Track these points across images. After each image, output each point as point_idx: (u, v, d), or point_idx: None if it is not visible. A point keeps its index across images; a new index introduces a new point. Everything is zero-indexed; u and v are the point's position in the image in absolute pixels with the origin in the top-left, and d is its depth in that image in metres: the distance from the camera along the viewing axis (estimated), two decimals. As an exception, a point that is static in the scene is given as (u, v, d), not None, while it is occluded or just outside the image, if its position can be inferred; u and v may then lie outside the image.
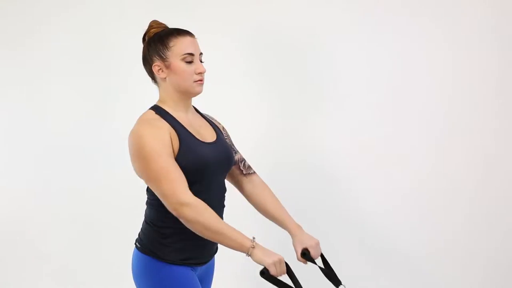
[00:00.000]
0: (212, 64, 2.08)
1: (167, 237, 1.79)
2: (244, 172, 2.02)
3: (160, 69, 1.82)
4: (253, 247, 1.67)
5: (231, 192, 1.99)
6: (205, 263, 1.89)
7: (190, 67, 1.81)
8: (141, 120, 1.79)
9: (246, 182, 2.02)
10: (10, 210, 3.20)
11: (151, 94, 1.92)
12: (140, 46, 1.90)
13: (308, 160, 2.92)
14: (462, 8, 2.78)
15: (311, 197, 2.89)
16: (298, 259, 1.92)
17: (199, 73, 1.83)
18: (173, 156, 1.73)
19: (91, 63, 3.09)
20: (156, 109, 1.83)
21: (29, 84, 3.16)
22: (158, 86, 1.87)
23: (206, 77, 1.87)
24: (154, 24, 1.87)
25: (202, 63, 1.85)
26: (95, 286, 3.12)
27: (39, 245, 3.18)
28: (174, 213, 1.69)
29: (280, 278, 1.70)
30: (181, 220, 1.69)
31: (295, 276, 1.72)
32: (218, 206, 1.84)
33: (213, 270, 2.00)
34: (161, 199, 1.72)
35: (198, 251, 1.83)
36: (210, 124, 1.95)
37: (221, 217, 1.89)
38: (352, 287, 2.19)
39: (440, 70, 2.82)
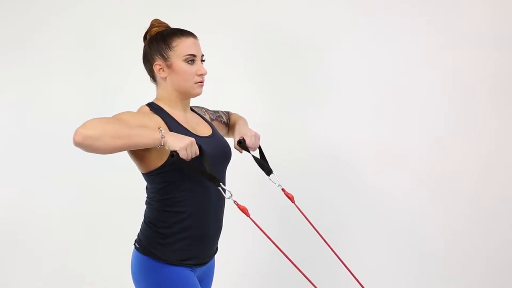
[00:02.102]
0: (212, 63, 2.08)
1: (166, 238, 1.79)
2: (229, 123, 2.14)
3: (161, 68, 1.82)
4: (163, 137, 1.65)
5: (232, 186, 1.99)
6: (205, 263, 1.88)
7: (192, 68, 1.82)
8: None
9: (230, 124, 2.15)
10: (10, 210, 3.20)
11: (151, 94, 1.92)
12: (140, 47, 1.90)
13: (307, 160, 2.92)
14: (461, 8, 2.79)
15: (310, 197, 2.89)
16: (234, 147, 2.01)
17: (200, 74, 1.83)
18: (130, 125, 1.65)
19: (91, 63, 3.09)
20: (151, 105, 1.84)
21: (29, 84, 3.16)
22: (157, 85, 1.87)
23: (206, 77, 1.87)
24: (156, 23, 1.87)
25: (203, 65, 1.86)
26: (95, 286, 3.12)
27: (39, 245, 3.18)
28: (77, 142, 1.56)
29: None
30: (86, 146, 1.57)
31: (208, 159, 1.73)
32: (218, 200, 1.84)
33: (213, 270, 1.99)
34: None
35: (197, 251, 1.83)
36: (205, 121, 1.96)
37: (222, 211, 1.90)
38: (352, 286, 2.19)
39: (440, 70, 2.82)
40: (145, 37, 1.88)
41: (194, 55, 1.82)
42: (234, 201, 1.75)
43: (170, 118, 1.80)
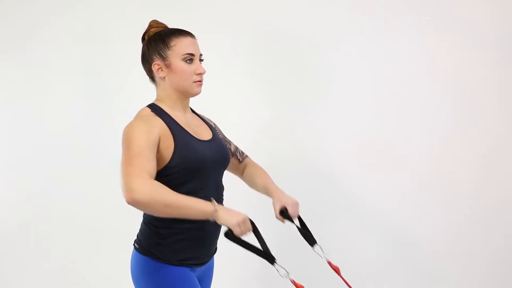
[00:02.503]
0: (211, 64, 2.08)
1: (166, 238, 1.79)
2: (241, 160, 2.09)
3: (160, 68, 1.82)
4: (216, 211, 1.65)
5: (232, 191, 1.99)
6: (204, 263, 1.89)
7: (190, 67, 1.82)
8: (136, 116, 1.81)
9: (243, 167, 2.09)
10: (9, 210, 3.20)
11: (151, 94, 1.93)
12: (140, 47, 1.90)
13: (307, 160, 2.92)
14: (461, 8, 2.78)
15: (310, 196, 2.89)
16: (276, 217, 1.94)
17: (198, 73, 1.83)
18: (152, 150, 1.68)
19: (91, 63, 3.10)
20: (152, 106, 1.84)
21: (29, 84, 3.16)
22: (156, 86, 1.88)
23: (205, 76, 1.87)
24: (154, 23, 1.88)
25: (201, 64, 1.86)
26: (95, 286, 3.12)
27: (39, 245, 3.18)
28: (128, 202, 1.59)
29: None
30: (137, 207, 1.60)
31: (261, 235, 1.72)
32: (216, 200, 1.83)
33: (213, 270, 2.00)
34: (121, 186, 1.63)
35: (196, 251, 1.83)
36: (206, 123, 1.96)
37: None
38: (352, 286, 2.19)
39: (440, 70, 2.82)
40: (143, 38, 1.89)
41: (192, 54, 1.82)
42: (291, 280, 1.73)
43: (171, 120, 1.80)
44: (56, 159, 3.14)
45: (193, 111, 1.98)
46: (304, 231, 1.93)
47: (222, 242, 1.98)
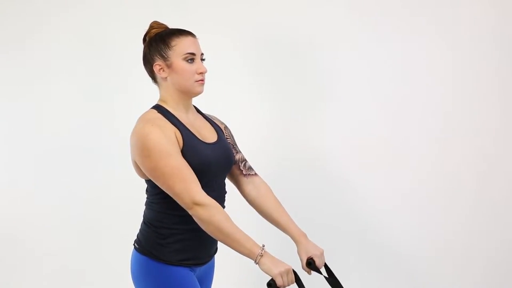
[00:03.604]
0: (212, 64, 2.08)
1: (166, 238, 1.79)
2: (244, 172, 1.99)
3: (161, 68, 1.82)
4: (261, 255, 1.65)
5: (232, 193, 1.99)
6: (205, 263, 1.88)
7: (192, 67, 1.81)
8: (144, 119, 1.78)
9: (247, 183, 1.99)
10: (9, 210, 3.20)
11: (151, 94, 1.92)
12: (140, 47, 1.90)
13: (308, 160, 2.92)
14: (462, 8, 2.78)
15: (311, 196, 2.89)
16: (303, 268, 1.89)
17: (200, 73, 1.83)
18: (181, 155, 1.72)
19: (91, 63, 3.09)
20: (158, 108, 1.82)
21: (29, 84, 3.16)
22: (159, 86, 1.87)
23: (206, 77, 1.87)
24: (155, 24, 1.88)
25: (203, 64, 1.86)
26: (95, 286, 3.12)
27: (39, 245, 3.18)
28: (189, 211, 1.69)
29: None
30: (194, 219, 1.69)
31: (303, 286, 1.70)
32: (216, 200, 1.83)
33: (213, 270, 1.99)
34: (174, 198, 1.71)
35: (197, 251, 1.83)
36: (211, 124, 1.94)
37: None
38: (352, 286, 2.19)
39: (440, 70, 2.82)
40: (144, 39, 1.88)
41: (193, 54, 1.81)
42: None
43: (179, 122, 1.78)
44: (56, 159, 3.13)
45: (198, 111, 1.97)
46: (332, 280, 1.87)
47: (223, 242, 1.99)
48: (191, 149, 1.76)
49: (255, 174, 2.01)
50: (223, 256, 2.09)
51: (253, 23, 2.94)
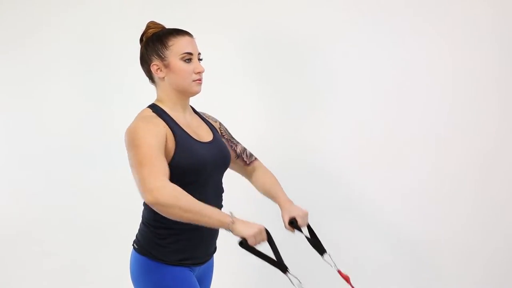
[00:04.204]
0: (211, 64, 2.08)
1: (164, 238, 1.79)
2: (248, 162, 2.07)
3: (159, 68, 1.82)
4: (233, 222, 1.66)
5: (231, 193, 1.99)
6: (204, 263, 1.89)
7: (189, 66, 1.82)
8: (138, 117, 1.80)
9: (251, 170, 2.08)
10: (10, 210, 3.20)
11: (150, 94, 1.93)
12: (139, 46, 1.90)
13: (307, 160, 2.92)
14: (461, 8, 2.78)
15: (310, 196, 2.89)
16: (285, 227, 1.95)
17: (197, 72, 1.83)
18: (162, 151, 1.70)
19: (91, 63, 3.10)
20: (153, 107, 1.83)
21: (29, 84, 3.16)
22: (156, 86, 1.88)
23: (205, 77, 1.87)
24: (151, 24, 1.88)
25: (200, 63, 1.86)
26: (95, 286, 3.12)
27: (39, 244, 3.18)
28: (149, 201, 1.60)
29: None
30: (156, 208, 1.62)
31: (275, 245, 1.73)
32: (215, 200, 1.85)
33: (212, 270, 2.00)
34: (137, 187, 1.66)
35: (196, 251, 1.84)
36: (207, 124, 1.95)
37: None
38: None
39: (440, 70, 2.82)
40: (141, 39, 1.89)
41: (190, 53, 1.82)
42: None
43: (173, 121, 1.79)
44: (56, 158, 3.14)
45: (194, 110, 1.98)
46: (314, 240, 1.93)
47: (222, 242, 1.99)
48: (186, 149, 1.76)
49: (255, 158, 2.12)
50: (223, 255, 2.09)
51: (252, 23, 2.94)
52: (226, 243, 2.16)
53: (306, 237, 1.93)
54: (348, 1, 2.87)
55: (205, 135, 1.89)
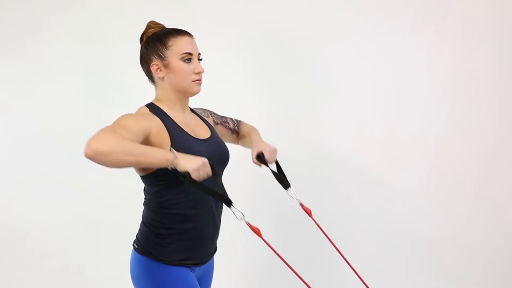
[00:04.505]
0: (211, 64, 2.08)
1: (165, 238, 1.79)
2: (239, 132, 2.13)
3: (159, 68, 1.83)
4: (176, 157, 1.64)
5: (231, 193, 1.99)
6: (204, 263, 1.89)
7: (189, 67, 1.82)
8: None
9: (241, 136, 2.15)
10: (10, 210, 3.20)
11: (150, 94, 1.93)
12: (139, 46, 1.90)
13: (307, 160, 2.92)
14: (462, 8, 2.78)
15: (311, 196, 2.88)
16: (253, 162, 1.98)
17: (197, 72, 1.83)
18: (136, 136, 1.66)
19: (91, 63, 3.10)
20: (151, 106, 1.84)
21: (29, 84, 3.16)
22: (155, 86, 1.88)
23: (205, 77, 1.87)
24: (152, 24, 1.88)
25: (200, 63, 1.86)
26: (94, 286, 3.12)
27: (39, 244, 3.18)
28: (87, 155, 1.55)
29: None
30: (97, 160, 1.55)
31: (221, 179, 1.73)
32: (215, 203, 1.84)
33: (213, 270, 2.00)
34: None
35: (196, 251, 1.83)
36: (205, 123, 1.96)
37: (220, 210, 1.89)
38: (350, 285, 2.19)
39: (440, 70, 2.82)
40: (141, 39, 1.89)
41: (190, 54, 1.82)
42: (247, 223, 1.72)
43: (169, 120, 1.80)
44: (56, 158, 3.13)
45: (191, 110, 1.98)
46: (279, 175, 1.99)
47: (222, 242, 1.99)
48: (182, 145, 1.76)
49: (240, 122, 2.18)
50: (223, 256, 2.09)
51: (252, 23, 2.94)
52: (226, 243, 2.16)
53: (272, 171, 1.97)
54: (348, 1, 2.87)
55: (203, 133, 1.89)
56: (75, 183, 3.12)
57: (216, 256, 1.98)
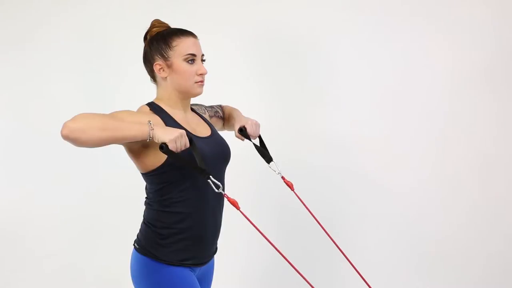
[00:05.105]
0: (212, 64, 2.08)
1: (166, 238, 1.79)
2: (224, 116, 2.13)
3: (162, 68, 1.82)
4: (153, 129, 1.64)
5: (231, 193, 1.99)
6: (204, 263, 1.88)
7: (192, 68, 1.82)
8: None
9: (227, 120, 2.14)
10: (10, 210, 3.20)
11: (150, 94, 1.92)
12: (140, 46, 1.90)
13: (307, 160, 2.92)
14: (461, 8, 2.79)
15: (311, 196, 2.88)
16: (235, 136, 2.01)
17: (200, 74, 1.83)
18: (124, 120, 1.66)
19: (91, 63, 3.09)
20: (151, 105, 1.84)
21: (29, 84, 3.16)
22: (157, 85, 1.87)
23: (206, 76, 1.87)
24: (156, 23, 1.88)
25: (203, 65, 1.86)
26: (95, 286, 3.12)
27: (39, 245, 3.18)
28: (63, 134, 1.56)
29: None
30: (73, 138, 1.57)
31: (198, 151, 1.72)
32: (216, 200, 1.84)
33: (213, 270, 1.99)
34: None
35: (196, 251, 1.83)
36: (205, 121, 1.96)
37: (221, 211, 1.89)
38: (350, 285, 2.19)
39: (440, 70, 2.82)
40: (145, 37, 1.89)
41: (194, 55, 1.82)
42: (224, 194, 1.74)
43: (169, 118, 1.80)
44: (56, 158, 3.13)
45: (193, 110, 1.98)
46: (262, 149, 2.02)
47: (223, 242, 1.99)
48: None
49: (221, 106, 2.18)
50: (223, 256, 2.09)
51: (253, 23, 2.95)
52: (226, 244, 2.16)
53: (254, 145, 2.01)
54: (348, 1, 2.87)
55: (204, 131, 1.89)
56: (75, 183, 3.12)
57: (216, 256, 1.98)
